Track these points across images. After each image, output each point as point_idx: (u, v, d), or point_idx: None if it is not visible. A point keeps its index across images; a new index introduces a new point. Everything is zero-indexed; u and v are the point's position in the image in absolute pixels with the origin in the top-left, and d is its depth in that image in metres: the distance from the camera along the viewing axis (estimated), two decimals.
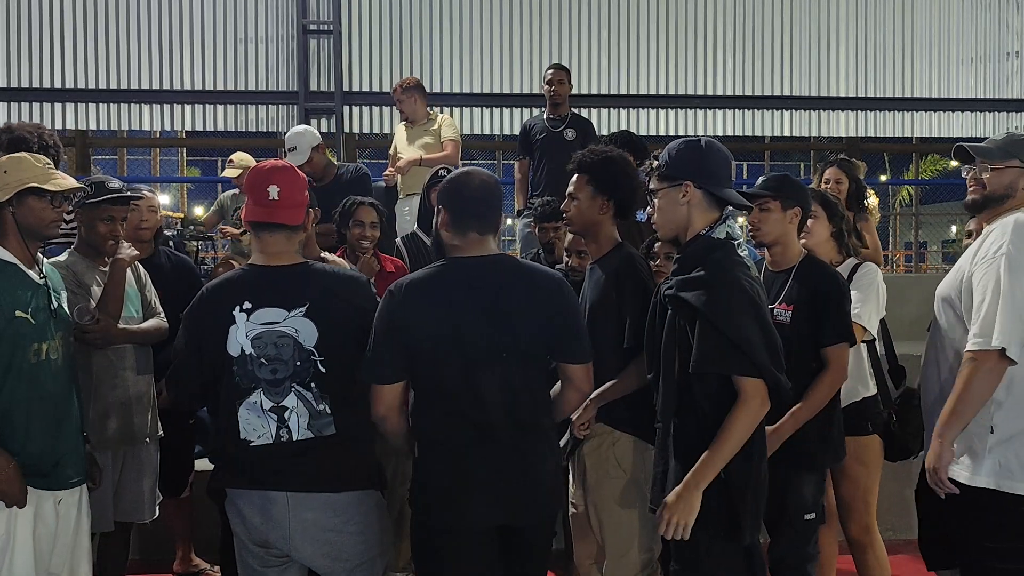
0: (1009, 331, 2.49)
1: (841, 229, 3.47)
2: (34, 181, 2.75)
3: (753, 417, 2.38)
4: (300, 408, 2.58)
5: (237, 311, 2.56)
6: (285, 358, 2.57)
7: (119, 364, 3.40)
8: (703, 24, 8.58)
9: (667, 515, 2.38)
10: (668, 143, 2.70)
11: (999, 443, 2.56)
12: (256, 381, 2.57)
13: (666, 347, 2.51)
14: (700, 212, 2.53)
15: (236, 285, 2.63)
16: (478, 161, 17.80)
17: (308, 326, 2.58)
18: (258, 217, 2.61)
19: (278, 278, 2.62)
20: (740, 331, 2.35)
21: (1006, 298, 2.51)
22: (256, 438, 2.58)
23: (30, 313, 2.70)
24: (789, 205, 3.12)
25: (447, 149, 5.91)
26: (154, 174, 16.45)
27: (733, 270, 2.45)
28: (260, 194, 2.59)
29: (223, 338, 2.57)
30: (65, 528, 2.82)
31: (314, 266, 2.73)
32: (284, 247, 2.64)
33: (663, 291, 2.55)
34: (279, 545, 2.60)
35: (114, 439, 3.38)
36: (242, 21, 8.19)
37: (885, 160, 19.29)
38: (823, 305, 3.04)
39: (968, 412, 2.58)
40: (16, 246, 2.76)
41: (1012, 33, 8.93)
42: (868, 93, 8.79)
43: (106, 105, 8.22)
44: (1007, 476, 2.56)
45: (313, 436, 2.59)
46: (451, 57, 8.34)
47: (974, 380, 2.54)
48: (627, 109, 8.63)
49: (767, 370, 2.36)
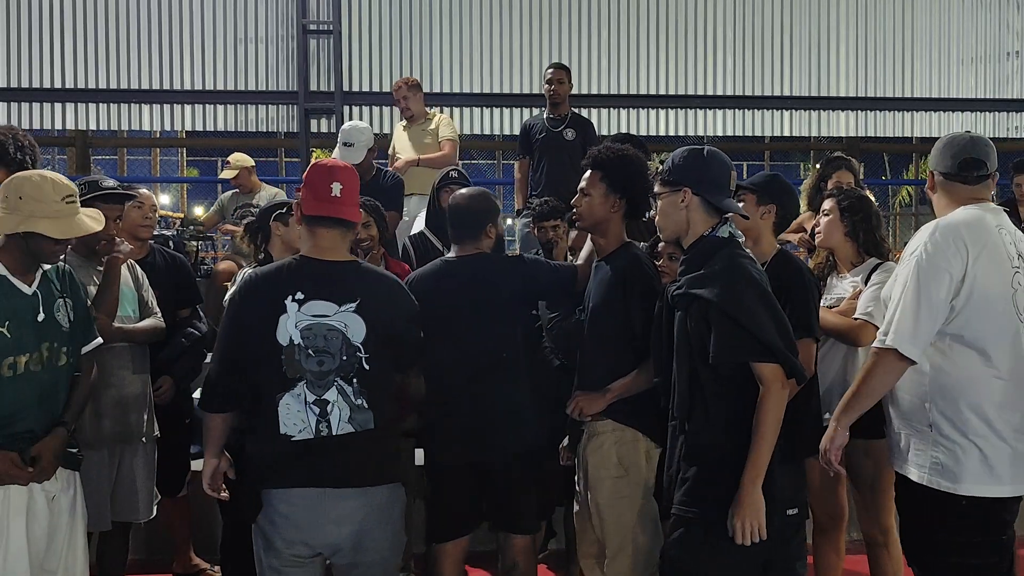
0: (903, 331, 2.56)
1: (856, 229, 3.48)
2: (45, 219, 2.70)
3: (780, 401, 2.45)
4: (340, 402, 2.61)
5: (289, 300, 2.58)
6: (332, 351, 2.60)
7: (115, 363, 3.39)
8: (703, 24, 8.59)
9: (738, 523, 2.44)
10: (668, 143, 2.74)
11: (935, 441, 2.62)
12: (302, 372, 2.58)
13: (679, 347, 2.57)
14: (699, 216, 2.62)
15: (289, 274, 2.64)
16: (478, 161, 17.82)
17: (357, 322, 2.62)
18: (319, 211, 2.65)
19: (330, 272, 2.66)
20: (754, 319, 2.43)
21: (908, 299, 2.57)
22: (297, 432, 2.58)
23: (7, 327, 2.69)
24: (764, 201, 3.19)
25: (444, 149, 5.91)
26: (154, 174, 16.47)
27: (741, 263, 2.53)
28: (322, 189, 2.64)
29: (272, 326, 2.58)
30: (59, 525, 2.82)
31: (363, 264, 2.80)
32: (338, 243, 2.69)
33: (671, 292, 2.60)
34: (314, 542, 2.61)
35: (110, 438, 3.38)
36: (242, 21, 8.20)
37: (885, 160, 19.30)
38: (785, 299, 3.07)
39: (863, 402, 2.68)
40: (12, 260, 2.75)
41: (1012, 33, 8.94)
42: (868, 93, 8.80)
43: (106, 105, 8.23)
44: (939, 474, 2.60)
45: (353, 431, 2.62)
46: (451, 57, 8.35)
47: (872, 375, 2.64)
48: (627, 109, 8.63)
49: (783, 355, 2.44)
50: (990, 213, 2.70)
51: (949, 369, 2.61)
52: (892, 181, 19.48)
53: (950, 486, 2.58)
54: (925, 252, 2.59)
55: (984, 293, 2.56)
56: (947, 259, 2.56)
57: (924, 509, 2.67)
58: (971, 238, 2.58)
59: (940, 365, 2.61)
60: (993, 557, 2.61)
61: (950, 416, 2.60)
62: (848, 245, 3.50)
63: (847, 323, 3.35)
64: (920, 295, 2.56)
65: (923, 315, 2.55)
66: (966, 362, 2.59)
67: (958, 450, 2.58)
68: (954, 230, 2.60)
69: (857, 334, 3.33)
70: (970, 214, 2.66)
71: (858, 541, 3.63)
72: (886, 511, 3.48)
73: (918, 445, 2.66)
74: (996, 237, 2.63)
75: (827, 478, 3.49)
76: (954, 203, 2.73)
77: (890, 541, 3.48)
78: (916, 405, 2.67)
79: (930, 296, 2.55)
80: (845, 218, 3.49)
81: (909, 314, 2.56)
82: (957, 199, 2.73)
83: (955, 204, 2.72)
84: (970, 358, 2.59)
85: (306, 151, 8.25)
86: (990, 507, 2.58)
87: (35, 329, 2.77)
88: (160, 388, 3.76)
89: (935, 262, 2.57)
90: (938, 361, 2.61)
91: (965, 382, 2.60)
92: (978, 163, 2.70)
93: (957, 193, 2.73)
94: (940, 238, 2.59)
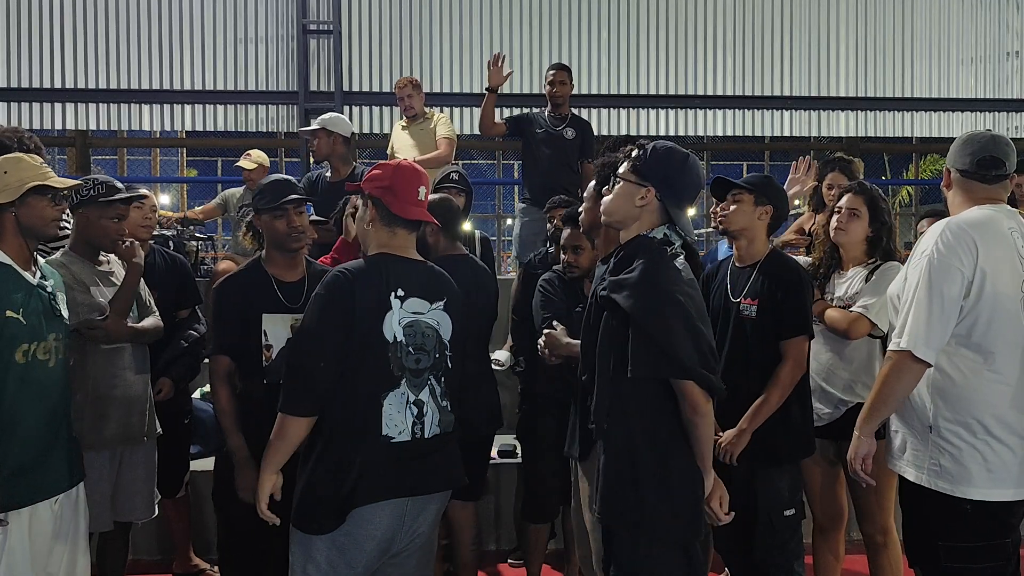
0: (918, 333, 2.51)
1: (880, 233, 3.48)
2: (36, 180, 2.75)
3: (705, 415, 2.38)
4: (431, 403, 2.61)
5: (393, 297, 2.58)
6: (428, 348, 2.62)
7: (118, 364, 3.40)
8: (703, 24, 8.59)
9: None
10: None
11: (936, 445, 2.59)
12: (402, 370, 2.56)
13: (601, 351, 2.48)
14: (649, 218, 2.51)
15: (385, 271, 2.60)
16: (478, 161, 17.81)
17: (446, 320, 2.68)
18: (413, 215, 2.67)
19: (418, 270, 2.69)
20: (670, 335, 2.33)
21: (920, 301, 2.53)
22: (397, 434, 2.54)
23: (21, 314, 2.70)
24: (761, 202, 3.20)
25: (441, 147, 5.93)
26: (154, 174, 16.46)
27: (665, 273, 2.41)
28: (411, 192, 2.66)
29: (379, 322, 2.54)
30: (62, 528, 2.82)
31: (435, 266, 2.80)
32: (412, 243, 2.72)
33: (598, 292, 2.52)
34: (393, 548, 2.58)
35: (112, 439, 3.38)
36: (242, 21, 8.20)
37: (885, 160, 19.30)
38: (782, 298, 3.08)
39: (884, 409, 2.65)
40: (14, 248, 2.76)
41: (1012, 33, 8.93)
42: (868, 93, 8.79)
43: (106, 105, 8.22)
44: (938, 476, 2.58)
45: (440, 432, 2.62)
46: (451, 57, 8.35)
47: (888, 378, 2.59)
48: (627, 109, 8.63)
49: (696, 373, 2.34)
50: (1004, 215, 2.65)
51: (951, 371, 2.57)
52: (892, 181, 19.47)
53: (950, 489, 2.55)
54: (937, 251, 2.54)
55: (992, 295, 2.52)
56: (959, 258, 2.52)
57: (928, 512, 2.64)
58: (981, 238, 2.54)
59: (942, 366, 2.57)
60: (998, 560, 2.58)
61: (952, 418, 2.57)
62: (863, 245, 3.50)
63: (845, 316, 3.37)
64: (932, 296, 2.51)
65: (936, 316, 2.51)
66: (970, 364, 2.56)
67: (960, 453, 2.55)
68: (964, 229, 2.56)
69: (851, 327, 3.34)
70: (982, 214, 2.62)
71: (858, 541, 3.63)
72: (885, 512, 3.48)
73: (916, 446, 2.64)
74: (1007, 239, 2.59)
75: (826, 479, 3.51)
76: (969, 202, 2.68)
77: (889, 542, 3.48)
78: (916, 405, 2.65)
79: (943, 296, 2.51)
80: (875, 220, 3.47)
81: (922, 316, 2.52)
82: (973, 198, 2.68)
83: (970, 203, 2.68)
84: (974, 360, 2.55)
85: (306, 151, 8.23)
86: (995, 511, 2.55)
87: (45, 319, 2.78)
88: (159, 391, 3.76)
89: (947, 261, 2.52)
90: (941, 362, 2.57)
91: (968, 384, 2.56)
92: (997, 162, 2.65)
93: (973, 192, 2.68)
94: (951, 237, 2.54)
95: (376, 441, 2.51)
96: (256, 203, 3.18)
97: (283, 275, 3.15)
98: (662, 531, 2.39)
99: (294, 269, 3.18)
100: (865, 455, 2.69)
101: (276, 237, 3.14)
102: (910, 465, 2.66)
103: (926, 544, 2.66)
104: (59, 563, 2.82)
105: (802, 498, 3.22)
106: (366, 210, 2.70)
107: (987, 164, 2.65)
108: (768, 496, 3.08)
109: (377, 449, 2.51)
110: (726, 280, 3.29)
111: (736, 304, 3.19)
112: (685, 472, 2.40)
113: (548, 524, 4.03)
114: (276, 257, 3.17)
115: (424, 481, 2.59)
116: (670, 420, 2.40)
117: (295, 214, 3.12)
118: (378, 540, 2.53)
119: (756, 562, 3.11)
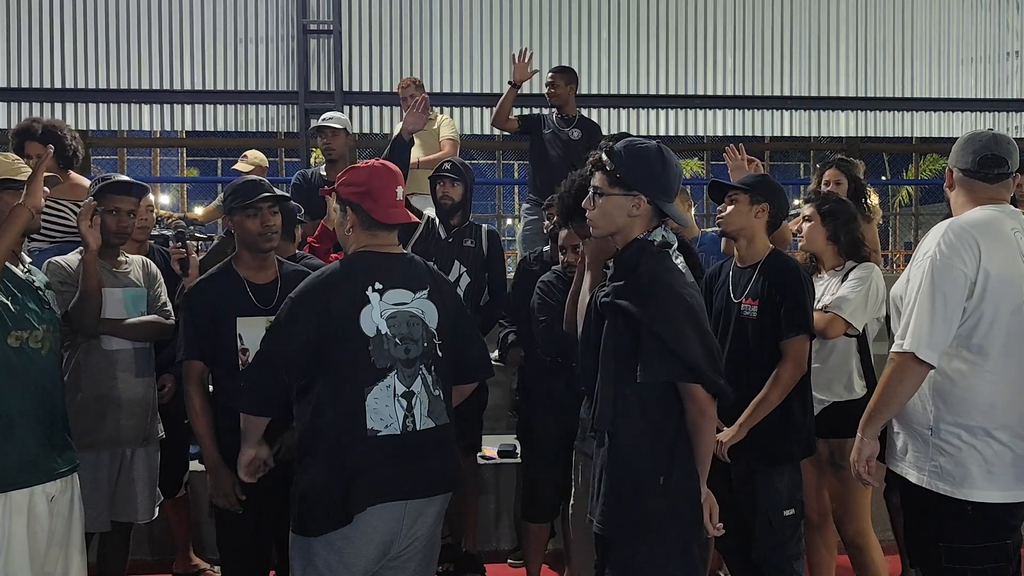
0: (920, 335, 2.49)
1: (837, 233, 3.50)
2: (7, 174, 2.80)
3: (711, 418, 2.40)
4: (422, 394, 2.60)
5: (370, 291, 2.57)
6: (416, 337, 2.61)
7: (118, 365, 3.39)
8: (703, 24, 8.59)
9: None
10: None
11: (937, 446, 2.58)
12: (392, 361, 2.55)
13: (604, 357, 2.45)
14: (643, 222, 2.47)
15: (361, 267, 2.61)
16: (478, 161, 17.80)
17: (431, 308, 2.67)
18: (395, 219, 2.66)
19: (398, 263, 2.68)
20: (679, 338, 2.33)
21: (923, 302, 2.51)
22: (384, 428, 2.52)
23: (10, 301, 2.71)
24: (757, 201, 3.20)
25: (445, 148, 5.93)
26: (154, 174, 16.47)
27: (669, 276, 2.40)
28: (390, 195, 2.64)
29: (355, 318, 2.54)
30: (59, 526, 2.82)
31: (416, 256, 2.81)
32: (394, 240, 2.72)
33: (599, 298, 2.49)
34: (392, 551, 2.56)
35: (111, 439, 3.37)
36: (242, 21, 8.20)
37: (885, 160, 19.31)
38: (781, 298, 3.09)
39: (886, 411, 2.63)
40: None
41: (1012, 33, 8.94)
42: (868, 93, 8.80)
43: (106, 105, 8.23)
44: (939, 477, 2.57)
45: (433, 425, 2.61)
46: (451, 57, 8.35)
47: (891, 380, 2.57)
48: (627, 109, 8.63)
49: (704, 375, 2.34)
50: (1007, 215, 2.62)
51: (952, 372, 2.56)
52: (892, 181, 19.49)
53: (951, 490, 2.55)
54: (939, 252, 2.52)
55: (994, 296, 2.51)
56: (961, 259, 2.50)
57: (928, 513, 2.63)
58: (984, 239, 2.52)
59: (943, 367, 2.56)
60: (999, 562, 2.57)
61: (953, 420, 2.56)
62: (830, 248, 3.55)
63: (821, 317, 3.39)
64: (935, 297, 2.49)
65: (939, 317, 2.49)
66: (970, 366, 2.54)
67: (961, 455, 2.54)
68: (967, 230, 2.54)
69: (827, 327, 3.36)
70: (985, 214, 2.60)
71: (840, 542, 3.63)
72: (861, 514, 3.48)
73: (917, 447, 2.63)
74: (1010, 240, 2.57)
75: (812, 476, 3.51)
76: (972, 202, 2.66)
77: (869, 545, 3.49)
78: (916, 406, 2.63)
79: (945, 298, 2.49)
80: (827, 222, 3.54)
81: (925, 317, 2.50)
82: (975, 198, 2.66)
83: (972, 203, 2.66)
84: (975, 362, 2.54)
85: (306, 151, 8.25)
86: (995, 512, 2.54)
87: (33, 309, 2.78)
88: (164, 388, 3.75)
89: (950, 262, 2.50)
90: (941, 363, 2.55)
91: (969, 386, 2.55)
92: (999, 160, 2.63)
93: (976, 191, 2.67)
94: (954, 238, 2.52)
95: (362, 436, 2.49)
96: (228, 203, 3.10)
97: (255, 277, 3.10)
98: (662, 532, 2.38)
99: (266, 270, 3.13)
100: (868, 457, 2.68)
101: (247, 237, 3.08)
102: (911, 467, 2.65)
103: (927, 545, 2.65)
104: (55, 563, 2.81)
105: (802, 498, 3.22)
106: (344, 216, 2.67)
107: (989, 163, 2.64)
108: (768, 496, 3.08)
109: (365, 445, 2.50)
110: (728, 281, 3.29)
111: (737, 304, 3.20)
112: (686, 474, 2.40)
113: (548, 524, 4.03)
114: (247, 258, 3.11)
115: (421, 484, 2.57)
116: (674, 423, 2.40)
117: (269, 213, 3.07)
118: (376, 543, 2.52)
119: (756, 562, 3.11)
